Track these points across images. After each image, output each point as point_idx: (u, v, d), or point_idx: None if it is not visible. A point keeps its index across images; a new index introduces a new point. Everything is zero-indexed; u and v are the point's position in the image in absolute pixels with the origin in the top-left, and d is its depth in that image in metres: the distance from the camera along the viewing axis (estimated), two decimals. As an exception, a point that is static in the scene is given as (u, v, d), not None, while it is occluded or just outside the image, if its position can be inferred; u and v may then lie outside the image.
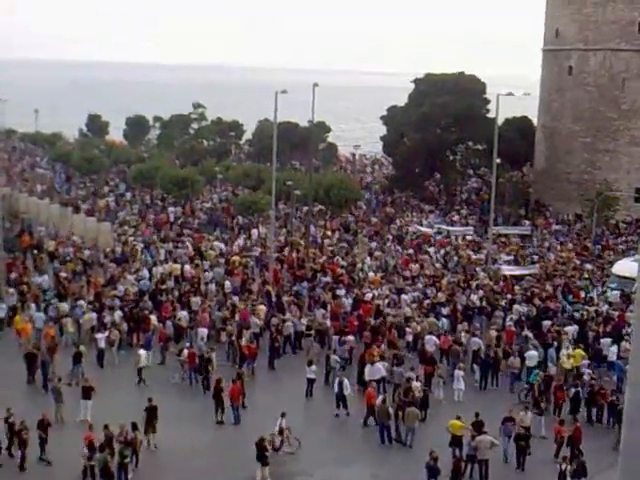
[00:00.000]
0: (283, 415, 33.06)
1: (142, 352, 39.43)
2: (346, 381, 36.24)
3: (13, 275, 50.05)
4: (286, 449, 32.82)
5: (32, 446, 30.56)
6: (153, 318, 43.59)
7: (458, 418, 32.45)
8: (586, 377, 38.15)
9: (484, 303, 47.82)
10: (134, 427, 30.73)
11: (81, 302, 45.25)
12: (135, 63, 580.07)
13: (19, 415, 31.34)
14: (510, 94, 56.71)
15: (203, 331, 42.80)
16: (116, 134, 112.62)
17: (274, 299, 48.34)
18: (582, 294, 50.80)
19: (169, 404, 36.91)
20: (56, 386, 34.62)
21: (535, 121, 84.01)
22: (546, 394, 37.29)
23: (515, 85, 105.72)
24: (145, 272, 51.61)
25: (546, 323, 44.49)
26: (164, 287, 49.02)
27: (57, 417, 33.70)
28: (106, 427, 30.44)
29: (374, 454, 33.07)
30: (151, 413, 32.80)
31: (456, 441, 31.93)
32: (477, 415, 32.45)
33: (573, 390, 36.94)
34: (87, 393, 34.33)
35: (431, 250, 60.63)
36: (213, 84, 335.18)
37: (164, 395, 37.62)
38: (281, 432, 32.79)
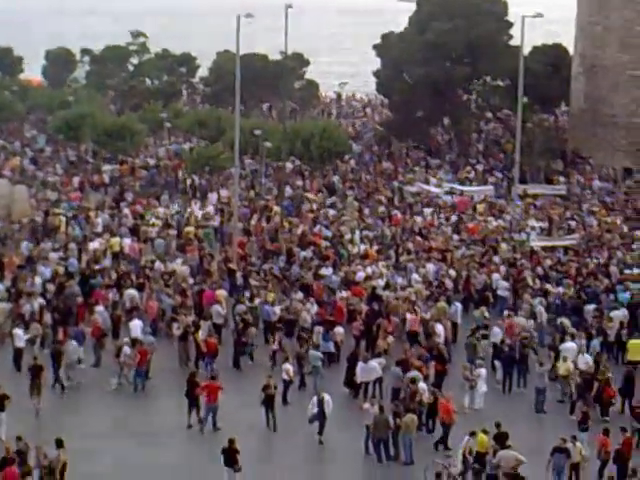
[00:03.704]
0: (472, 434, 32.25)
1: (74, 343, 39.47)
2: (327, 397, 35.34)
3: None
4: None
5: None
6: (99, 309, 43.34)
7: (485, 432, 32.44)
8: None
9: (509, 283, 48.03)
10: (58, 444, 30.71)
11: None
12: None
13: None
14: (539, 15, 56.48)
15: (136, 324, 41.97)
16: (33, 72, 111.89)
17: (239, 281, 48.41)
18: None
19: (114, 415, 37.13)
20: None
21: (571, 50, 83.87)
22: (586, 396, 37.58)
23: (545, 4, 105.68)
24: (73, 248, 51.62)
25: (588, 307, 44.81)
26: (98, 267, 49.00)
27: None
28: (19, 439, 30.56)
29: (368, 476, 33.29)
30: (35, 373, 34.97)
31: (481, 458, 32.02)
32: (498, 425, 32.66)
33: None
34: (0, 403, 34.18)
35: (440, 216, 60.73)
36: (158, 8, 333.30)
37: (102, 406, 37.95)
38: (465, 456, 31.96)
